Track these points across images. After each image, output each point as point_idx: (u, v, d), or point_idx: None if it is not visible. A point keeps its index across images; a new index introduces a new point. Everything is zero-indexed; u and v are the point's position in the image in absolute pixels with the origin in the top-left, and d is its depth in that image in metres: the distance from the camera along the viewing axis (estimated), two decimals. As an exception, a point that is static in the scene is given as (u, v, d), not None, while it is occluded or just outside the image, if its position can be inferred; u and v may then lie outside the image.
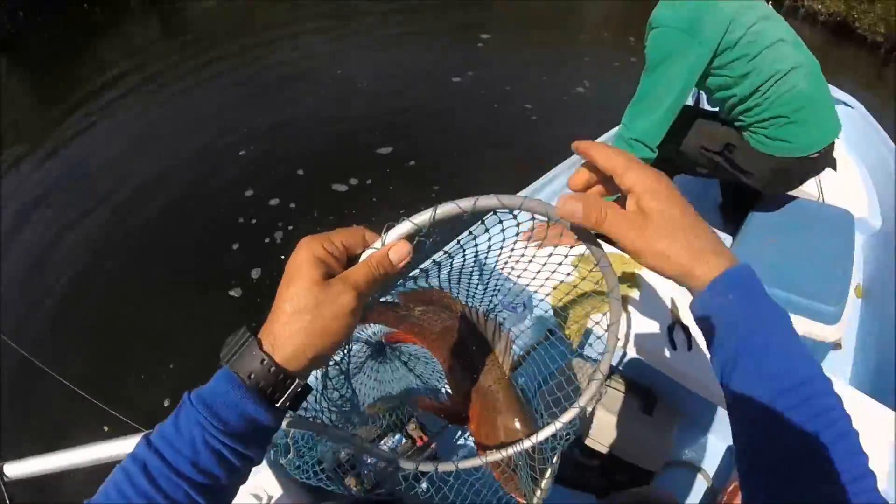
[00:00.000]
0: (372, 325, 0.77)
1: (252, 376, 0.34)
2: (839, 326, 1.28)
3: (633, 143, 1.42)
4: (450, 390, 0.72)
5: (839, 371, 1.65)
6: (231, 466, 0.34)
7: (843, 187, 2.13)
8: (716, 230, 0.50)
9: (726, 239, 1.80)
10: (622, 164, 0.39)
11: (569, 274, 0.59)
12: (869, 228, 2.03)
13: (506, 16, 6.61)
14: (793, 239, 1.44)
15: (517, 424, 0.63)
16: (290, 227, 2.86)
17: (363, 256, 0.38)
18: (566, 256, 0.57)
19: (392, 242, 0.38)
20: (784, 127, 1.42)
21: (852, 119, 2.51)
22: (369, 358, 0.83)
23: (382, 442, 1.01)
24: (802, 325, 1.27)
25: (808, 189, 2.00)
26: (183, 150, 3.58)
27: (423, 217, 0.38)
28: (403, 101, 4.14)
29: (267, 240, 2.79)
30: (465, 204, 0.37)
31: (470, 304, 0.72)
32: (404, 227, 0.38)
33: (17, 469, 0.60)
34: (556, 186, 1.89)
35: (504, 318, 0.74)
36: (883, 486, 0.78)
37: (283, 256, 2.44)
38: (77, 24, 6.09)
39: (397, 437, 1.03)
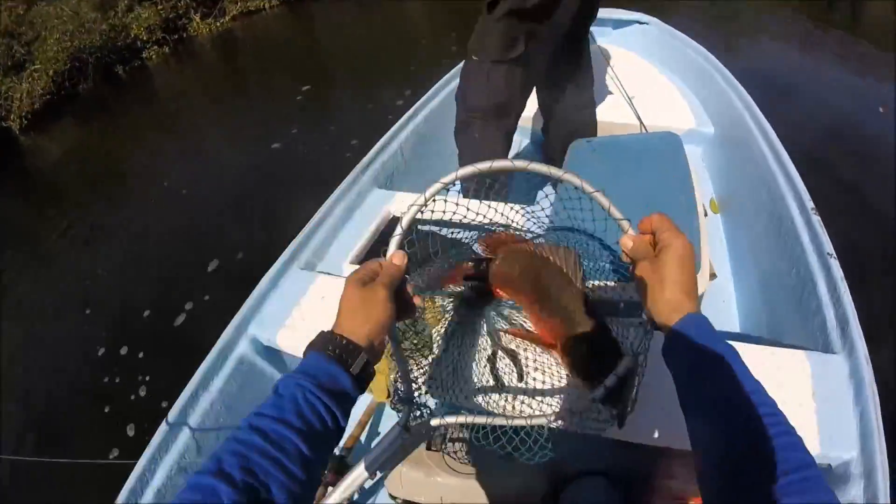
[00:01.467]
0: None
1: (331, 348, 0.49)
2: (703, 273, 1.06)
3: None
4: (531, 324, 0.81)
5: (725, 303, 1.48)
6: (324, 419, 0.45)
7: (664, 107, 2.01)
8: None
9: None
10: (662, 226, 0.57)
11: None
12: (704, 137, 1.92)
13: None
14: (616, 187, 1.19)
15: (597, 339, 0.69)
16: (148, 378, 2.46)
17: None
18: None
19: (392, 254, 0.58)
20: None
21: (651, 35, 2.44)
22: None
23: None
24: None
25: (626, 121, 1.83)
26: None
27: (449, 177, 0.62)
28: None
29: (133, 396, 2.39)
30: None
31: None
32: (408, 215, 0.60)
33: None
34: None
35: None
36: (808, 435, 0.79)
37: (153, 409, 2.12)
38: None
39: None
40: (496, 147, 1.55)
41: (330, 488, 1.17)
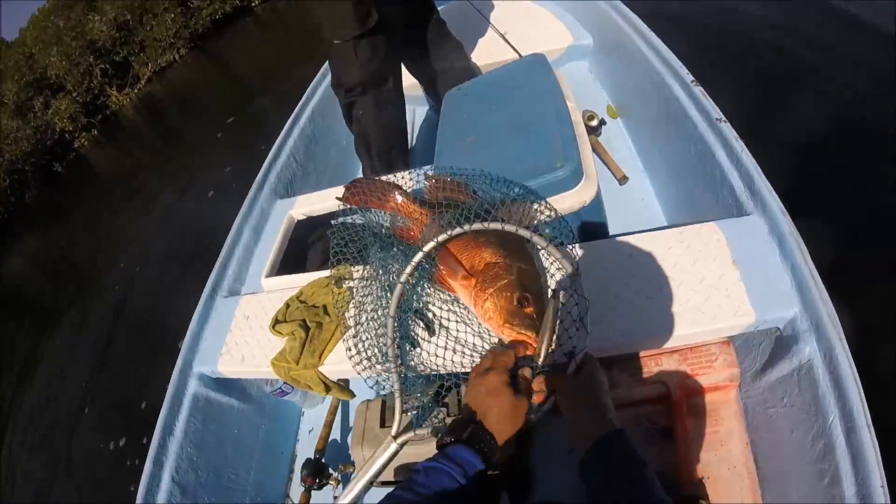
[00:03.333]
0: None
1: (482, 448, 0.57)
2: (590, 178, 1.05)
3: None
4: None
5: (644, 201, 1.48)
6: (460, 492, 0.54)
7: (539, 33, 2.00)
8: None
9: None
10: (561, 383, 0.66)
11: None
12: (586, 50, 1.91)
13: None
14: (489, 123, 1.19)
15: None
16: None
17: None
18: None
19: (536, 384, 0.66)
20: None
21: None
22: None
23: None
24: (557, 204, 1.00)
25: (504, 57, 1.82)
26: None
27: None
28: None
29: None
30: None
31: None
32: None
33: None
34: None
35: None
36: (738, 304, 0.78)
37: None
38: None
39: None
40: (385, 112, 1.55)
41: (313, 490, 1.22)
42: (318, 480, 1.17)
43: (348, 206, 1.05)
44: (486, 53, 1.96)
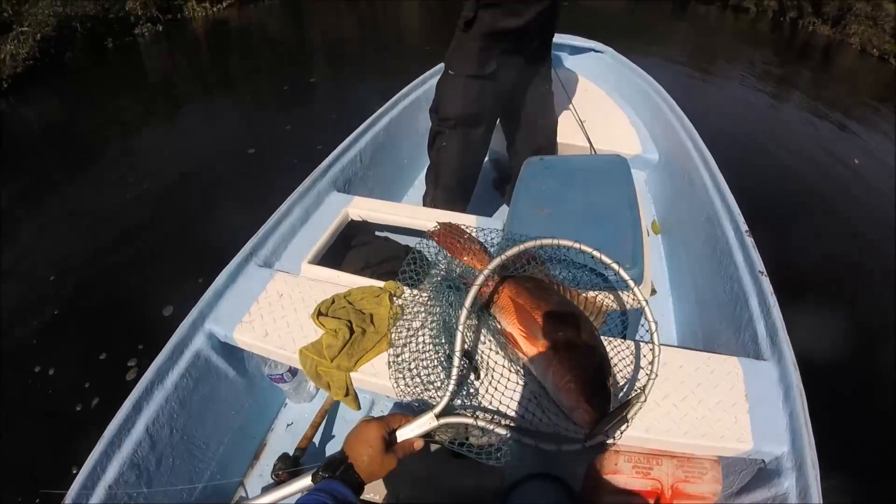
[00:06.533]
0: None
1: (350, 482, 0.68)
2: (646, 282, 1.15)
3: None
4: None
5: (664, 317, 1.60)
6: None
7: (613, 133, 2.16)
8: None
9: None
10: None
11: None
12: (649, 163, 2.07)
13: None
14: (566, 204, 1.28)
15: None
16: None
17: (400, 433, 0.77)
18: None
19: (414, 439, 0.77)
20: None
21: (605, 63, 2.61)
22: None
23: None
24: (612, 300, 1.09)
25: (577, 143, 1.96)
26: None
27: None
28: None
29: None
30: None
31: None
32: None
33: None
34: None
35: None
36: (741, 433, 0.88)
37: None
38: None
39: None
40: (467, 152, 1.63)
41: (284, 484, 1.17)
42: (292, 476, 1.14)
43: (430, 240, 1.08)
44: (562, 134, 2.06)
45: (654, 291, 1.62)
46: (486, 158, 2.36)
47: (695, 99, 4.89)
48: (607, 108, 2.34)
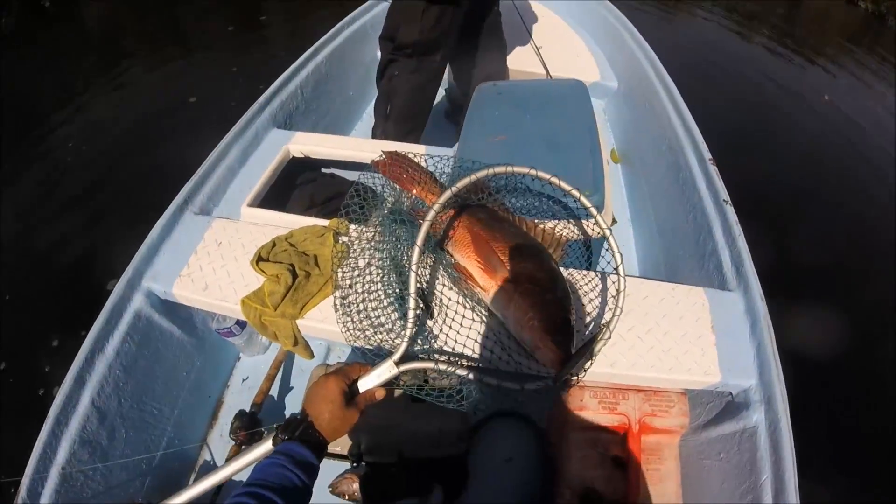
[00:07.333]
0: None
1: (311, 442, 0.65)
2: (607, 211, 1.11)
3: None
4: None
5: (624, 246, 1.58)
6: (295, 484, 0.60)
7: (571, 60, 2.06)
8: None
9: None
10: None
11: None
12: (608, 91, 2.00)
13: None
14: (522, 130, 1.20)
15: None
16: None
17: (360, 383, 0.73)
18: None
19: (375, 388, 0.72)
20: None
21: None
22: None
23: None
24: (572, 227, 1.05)
25: (532, 69, 1.86)
26: None
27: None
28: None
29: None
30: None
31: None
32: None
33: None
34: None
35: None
36: (708, 366, 0.86)
37: None
38: None
39: None
40: (422, 82, 1.52)
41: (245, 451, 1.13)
42: (251, 436, 1.10)
43: (375, 172, 1.00)
44: (516, 60, 1.97)
45: (614, 221, 1.60)
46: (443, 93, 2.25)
47: (661, 30, 4.75)
48: (565, 34, 2.22)
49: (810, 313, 1.85)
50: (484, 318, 0.86)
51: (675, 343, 0.89)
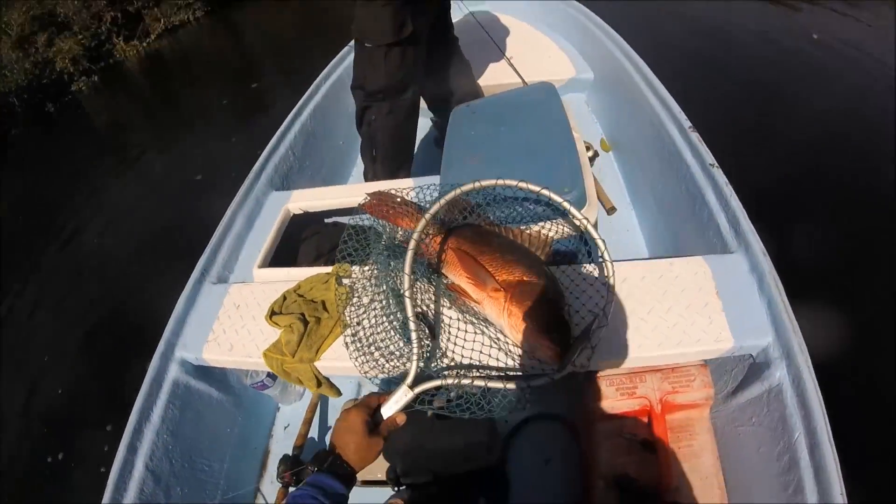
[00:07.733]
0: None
1: (339, 473, 0.70)
2: (592, 202, 1.13)
3: None
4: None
5: (629, 231, 1.59)
6: None
7: (543, 62, 2.10)
8: None
9: None
10: None
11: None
12: (586, 83, 2.03)
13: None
14: (498, 143, 1.25)
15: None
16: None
17: (382, 411, 0.77)
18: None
19: (395, 413, 0.77)
20: None
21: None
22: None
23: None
24: (560, 226, 1.07)
25: (508, 80, 1.91)
26: None
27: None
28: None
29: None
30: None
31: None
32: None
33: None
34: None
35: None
36: (719, 332, 0.86)
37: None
38: None
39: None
40: (400, 120, 1.58)
41: (290, 488, 1.19)
42: (296, 477, 1.16)
43: (364, 214, 1.06)
44: (491, 75, 2.04)
45: (613, 209, 1.61)
46: (425, 118, 2.32)
47: (632, 6, 4.74)
48: (533, 38, 2.27)
49: (821, 267, 1.81)
50: (484, 329, 0.90)
51: (679, 317, 0.90)
